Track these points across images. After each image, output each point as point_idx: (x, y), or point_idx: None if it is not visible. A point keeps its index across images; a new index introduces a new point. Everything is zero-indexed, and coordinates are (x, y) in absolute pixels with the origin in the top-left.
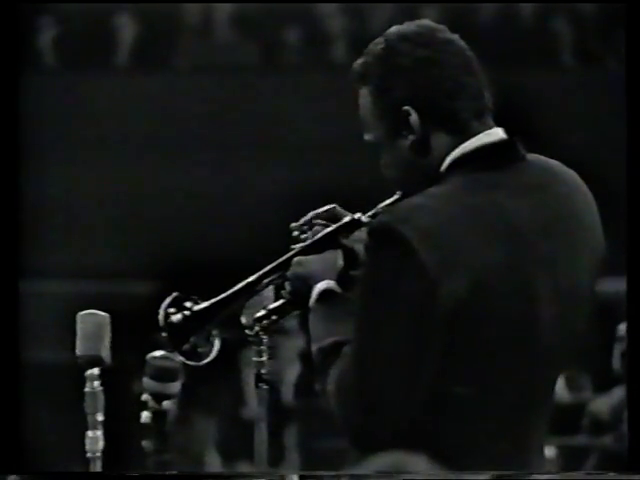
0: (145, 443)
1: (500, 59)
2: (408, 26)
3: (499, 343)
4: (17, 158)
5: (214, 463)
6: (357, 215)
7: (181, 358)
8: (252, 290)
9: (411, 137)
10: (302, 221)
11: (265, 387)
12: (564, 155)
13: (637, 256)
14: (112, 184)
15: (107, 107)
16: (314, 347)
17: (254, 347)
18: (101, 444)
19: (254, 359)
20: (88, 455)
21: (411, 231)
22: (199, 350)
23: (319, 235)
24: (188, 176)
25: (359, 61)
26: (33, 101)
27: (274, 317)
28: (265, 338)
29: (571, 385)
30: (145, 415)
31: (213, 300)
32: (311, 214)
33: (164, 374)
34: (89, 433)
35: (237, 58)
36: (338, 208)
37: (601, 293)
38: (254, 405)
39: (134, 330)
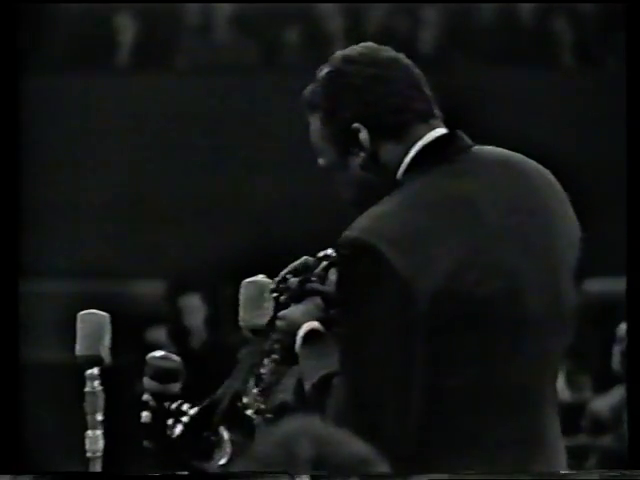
0: (145, 443)
1: (499, 59)
2: (352, 49)
3: (485, 329)
4: (17, 158)
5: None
6: (328, 251)
7: (198, 463)
8: (243, 375)
9: (362, 154)
10: (277, 279)
11: (265, 387)
12: (563, 155)
13: (637, 256)
14: (112, 184)
15: (107, 107)
16: (307, 386)
17: (254, 347)
18: (101, 444)
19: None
20: (88, 455)
21: (378, 239)
22: (214, 441)
23: (294, 285)
24: (188, 176)
25: (308, 89)
26: (33, 101)
27: (272, 389)
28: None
29: (571, 385)
30: (145, 415)
31: (208, 400)
32: (284, 271)
33: (164, 374)
34: (89, 433)
35: (237, 58)
36: (310, 259)
37: (601, 293)
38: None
39: (134, 330)
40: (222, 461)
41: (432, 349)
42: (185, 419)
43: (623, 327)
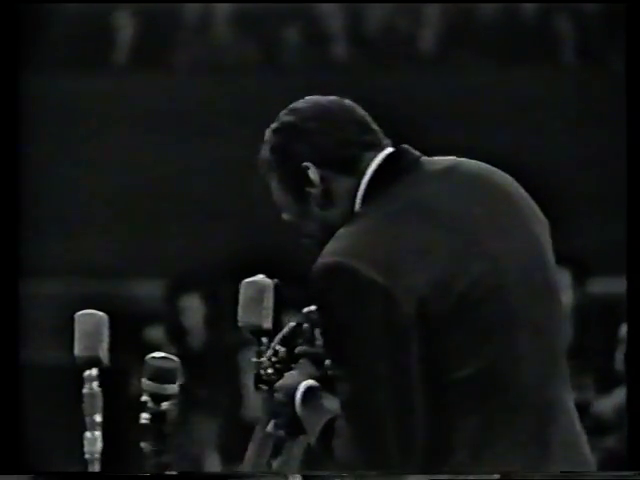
0: (144, 444)
1: (501, 57)
2: (296, 102)
3: (476, 323)
4: (17, 158)
5: (213, 464)
6: (313, 307)
7: None
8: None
9: (314, 191)
10: (270, 353)
11: (265, 388)
12: (563, 155)
13: (637, 256)
14: (112, 184)
15: (106, 106)
16: (312, 439)
17: (254, 348)
18: (99, 445)
19: (254, 360)
20: (87, 456)
21: (351, 258)
22: None
23: (284, 355)
24: (187, 175)
25: (261, 152)
26: (33, 101)
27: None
28: (265, 338)
29: (574, 386)
30: (144, 416)
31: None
32: (274, 343)
33: (163, 375)
34: (87, 434)
35: (236, 57)
36: (294, 325)
37: (604, 294)
38: (254, 406)
39: (133, 331)
40: None
41: (427, 350)
42: None
43: (626, 327)
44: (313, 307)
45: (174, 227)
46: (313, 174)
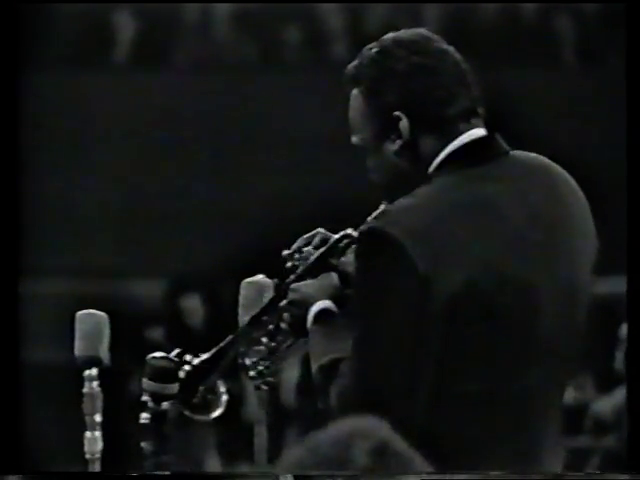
0: (144, 444)
1: (500, 58)
2: (404, 33)
3: (499, 337)
4: (17, 158)
5: (213, 464)
6: (349, 230)
7: (190, 414)
8: (251, 332)
9: (399, 141)
10: (293, 248)
11: (265, 388)
12: (564, 155)
13: (637, 256)
14: (112, 184)
15: (107, 105)
16: (314, 366)
17: (254, 348)
18: (100, 445)
19: (253, 360)
20: (87, 456)
21: (401, 232)
22: (209, 398)
23: (312, 259)
24: (188, 175)
25: (353, 63)
26: (33, 101)
27: (276, 355)
28: (264, 339)
29: (574, 386)
30: (144, 416)
31: (213, 350)
32: (300, 240)
33: (163, 375)
34: (87, 434)
35: (236, 56)
36: (323, 232)
37: (604, 294)
38: (254, 406)
39: (133, 330)
40: (216, 413)
41: (445, 350)
42: (188, 367)
43: (626, 327)
44: (349, 230)
45: (174, 227)
46: (404, 127)
